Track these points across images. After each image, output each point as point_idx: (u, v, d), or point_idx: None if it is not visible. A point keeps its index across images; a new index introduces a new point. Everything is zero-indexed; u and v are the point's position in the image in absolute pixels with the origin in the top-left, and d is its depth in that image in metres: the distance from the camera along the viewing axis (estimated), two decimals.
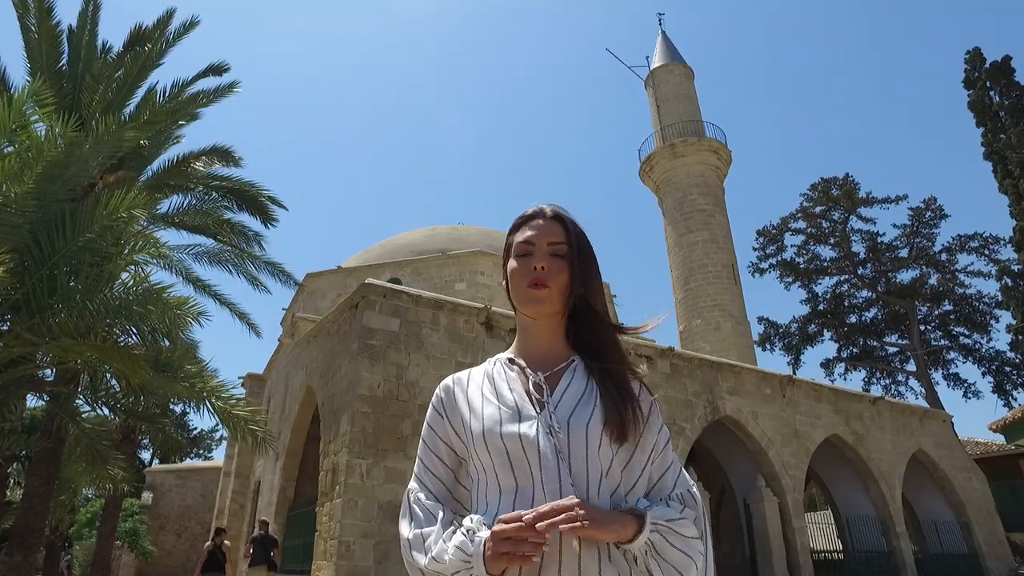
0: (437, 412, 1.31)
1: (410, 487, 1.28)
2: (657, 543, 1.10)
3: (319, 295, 20.46)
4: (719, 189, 28.01)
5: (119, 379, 6.47)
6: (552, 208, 1.35)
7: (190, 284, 8.98)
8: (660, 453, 1.23)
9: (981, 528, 17.39)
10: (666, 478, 1.23)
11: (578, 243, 1.30)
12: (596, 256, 1.34)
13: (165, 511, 25.88)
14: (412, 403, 10.25)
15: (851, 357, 33.95)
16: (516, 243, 1.32)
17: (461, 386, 1.31)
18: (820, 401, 15.85)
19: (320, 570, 9.58)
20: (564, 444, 1.14)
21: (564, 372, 1.25)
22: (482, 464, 1.19)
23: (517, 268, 1.29)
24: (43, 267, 5.45)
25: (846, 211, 33.77)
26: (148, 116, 7.03)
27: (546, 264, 1.26)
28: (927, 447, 17.65)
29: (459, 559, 1.08)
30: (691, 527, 1.14)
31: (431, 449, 1.30)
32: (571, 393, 1.21)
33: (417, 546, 1.18)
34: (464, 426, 1.24)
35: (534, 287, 1.25)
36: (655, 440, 1.23)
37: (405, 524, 1.23)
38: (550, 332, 1.30)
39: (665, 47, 32.17)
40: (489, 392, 1.25)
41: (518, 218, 1.37)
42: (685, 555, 1.12)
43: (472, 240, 22.15)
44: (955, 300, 32.50)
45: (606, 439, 1.15)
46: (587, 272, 1.28)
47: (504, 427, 1.17)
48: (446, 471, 1.28)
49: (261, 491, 15.98)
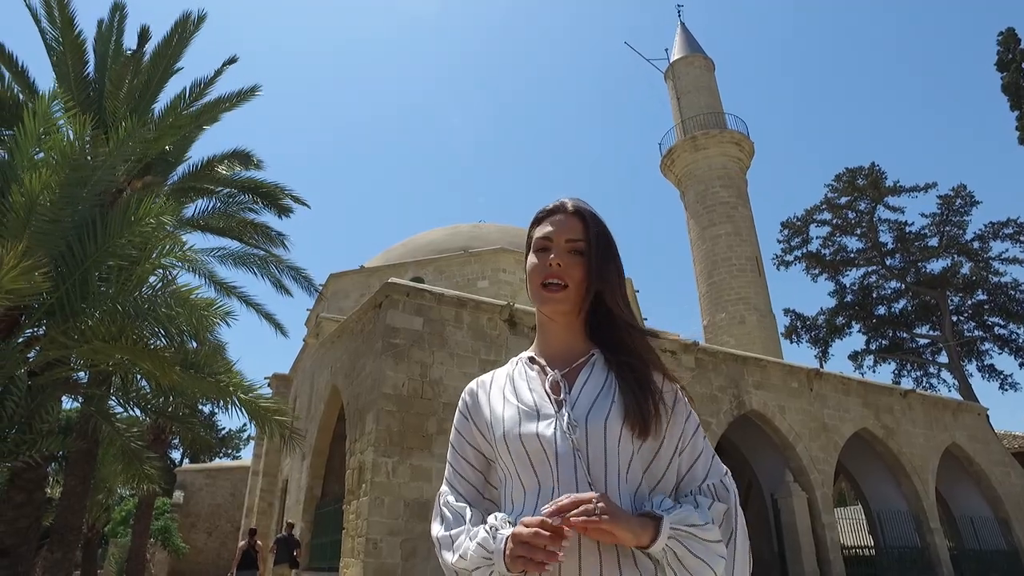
0: (463, 416, 1.32)
1: (441, 490, 1.30)
2: (677, 550, 1.07)
3: (342, 295, 20.67)
4: (742, 181, 27.65)
5: (149, 380, 6.61)
6: (573, 202, 1.33)
7: (214, 286, 9.12)
8: (689, 442, 1.21)
9: (1021, 524, 16.93)
10: (696, 468, 1.20)
11: (597, 239, 1.27)
12: (618, 252, 1.31)
13: (196, 509, 26.41)
14: (436, 401, 10.30)
15: (880, 349, 33.28)
16: (535, 238, 1.31)
17: (484, 388, 1.32)
18: (849, 394, 15.58)
19: (348, 567, 9.68)
20: (582, 442, 1.13)
21: (582, 368, 1.24)
22: (505, 465, 1.19)
23: (535, 265, 1.28)
24: (75, 272, 5.60)
25: (872, 201, 33.06)
26: (173, 121, 7.17)
27: (563, 261, 1.24)
28: (961, 441, 17.24)
29: (480, 556, 1.08)
30: (714, 531, 1.11)
31: (459, 453, 1.30)
32: (589, 389, 1.20)
33: (447, 546, 1.18)
34: (488, 428, 1.24)
35: (548, 287, 1.24)
36: (682, 429, 1.21)
37: (436, 526, 1.24)
38: (568, 329, 1.29)
39: (684, 39, 31.82)
40: (510, 393, 1.25)
41: (539, 212, 1.36)
42: (703, 562, 1.08)
43: (493, 238, 22.18)
44: (989, 289, 31.62)
45: (626, 434, 1.14)
46: (606, 269, 1.26)
47: (523, 427, 1.17)
48: (475, 473, 1.28)
49: (289, 489, 16.21)
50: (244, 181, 9.40)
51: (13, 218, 5.41)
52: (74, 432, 8.27)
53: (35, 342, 6.21)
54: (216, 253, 9.18)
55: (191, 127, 8.01)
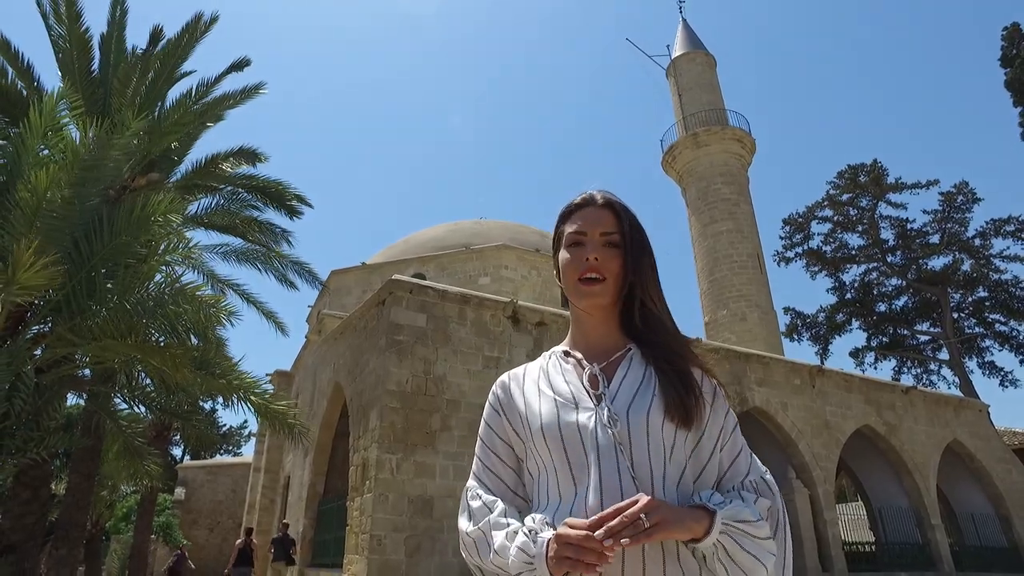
0: (494, 410, 1.30)
1: (468, 484, 1.28)
2: (728, 545, 1.06)
3: (344, 292, 20.67)
4: (743, 178, 27.62)
5: (153, 377, 6.61)
6: (603, 195, 1.32)
7: (216, 284, 9.11)
8: (729, 438, 1.20)
9: (1022, 521, 16.97)
10: (738, 464, 1.20)
11: (631, 231, 1.26)
12: (650, 243, 1.30)
13: (197, 506, 26.46)
14: (440, 398, 10.32)
15: (881, 346, 33.30)
16: (567, 233, 1.30)
17: (518, 382, 1.30)
18: (851, 391, 15.60)
19: (352, 564, 9.70)
20: (624, 436, 1.12)
21: (620, 362, 1.23)
22: (542, 459, 1.18)
23: (569, 260, 1.26)
24: (82, 269, 5.59)
25: (874, 198, 33.04)
26: (178, 118, 7.15)
27: (599, 255, 1.23)
28: (962, 437, 17.27)
29: (521, 560, 1.06)
30: (764, 527, 1.10)
31: (489, 447, 1.29)
32: (628, 383, 1.19)
33: (480, 542, 1.17)
34: (522, 422, 1.23)
35: (586, 282, 1.23)
36: (722, 425, 1.20)
37: (464, 520, 1.23)
38: (604, 323, 1.28)
39: (686, 35, 31.75)
40: (545, 386, 1.23)
41: (568, 205, 1.34)
42: (755, 558, 1.08)
43: (495, 234, 22.16)
44: (990, 286, 31.63)
45: (668, 427, 1.13)
46: (641, 261, 1.25)
47: (561, 420, 1.15)
48: (505, 468, 1.27)
49: (291, 486, 16.24)
50: (249, 179, 9.39)
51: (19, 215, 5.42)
52: (76, 428, 8.27)
53: (41, 339, 6.21)
54: (219, 250, 9.19)
55: (195, 124, 8.00)
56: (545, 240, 23.22)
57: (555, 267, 1.34)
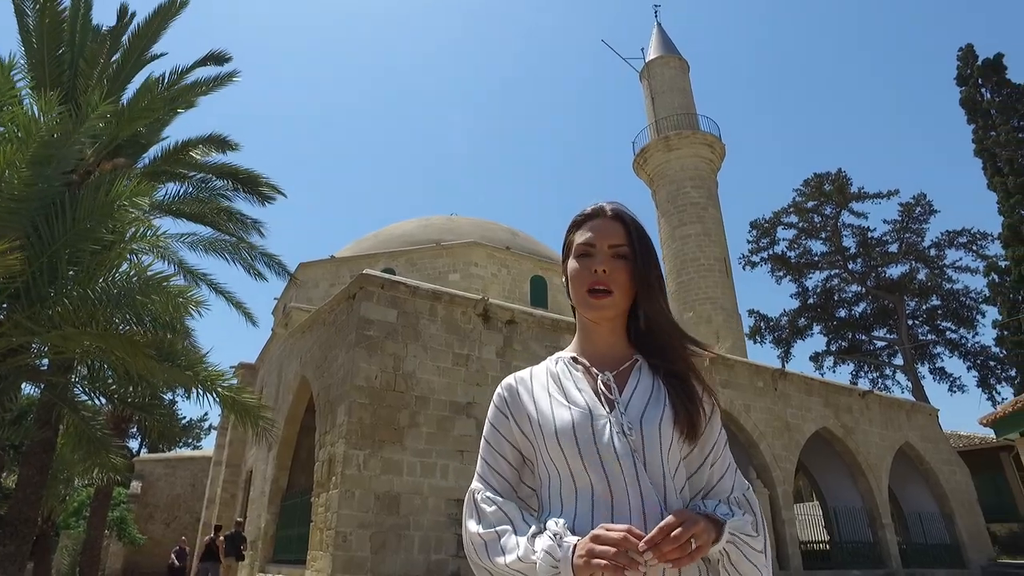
0: (501, 412, 1.30)
1: (474, 487, 1.27)
2: (732, 554, 1.12)
3: (312, 285, 20.37)
4: (712, 182, 28.08)
5: (116, 368, 6.40)
6: (612, 206, 1.34)
7: (187, 273, 8.88)
8: (721, 454, 1.24)
9: (963, 519, 17.73)
10: (725, 480, 1.23)
11: (639, 243, 1.29)
12: (657, 255, 1.33)
13: (154, 500, 25.79)
14: (409, 394, 10.26)
15: (840, 351, 34.31)
16: (576, 243, 1.31)
17: (525, 385, 1.30)
18: (811, 394, 16.03)
19: (316, 560, 9.59)
20: (638, 444, 1.14)
21: (631, 371, 1.26)
22: (555, 465, 1.19)
23: (578, 270, 1.28)
24: (42, 255, 5.38)
25: (838, 206, 34.01)
26: (147, 103, 6.92)
27: (608, 267, 1.25)
28: (914, 440, 17.92)
29: (548, 564, 1.06)
30: (760, 542, 1.16)
31: (495, 449, 1.29)
32: (640, 392, 1.21)
33: (492, 544, 1.16)
34: (531, 425, 1.24)
35: (595, 294, 1.24)
36: (715, 440, 1.24)
37: (472, 523, 1.22)
38: (612, 332, 1.30)
39: (661, 39, 32.10)
40: (556, 392, 1.25)
41: (577, 216, 1.36)
42: (755, 567, 1.14)
43: (466, 231, 22.10)
44: (943, 295, 32.89)
45: (677, 439, 1.17)
46: (648, 273, 1.27)
47: (578, 428, 1.17)
48: (511, 470, 1.28)
49: (253, 481, 15.95)
50: (221, 167, 9.15)
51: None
52: (29, 419, 7.96)
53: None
54: (187, 239, 8.94)
55: (165, 110, 7.76)
56: (516, 238, 23.23)
57: (563, 275, 1.35)
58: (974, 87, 28.28)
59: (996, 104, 27.55)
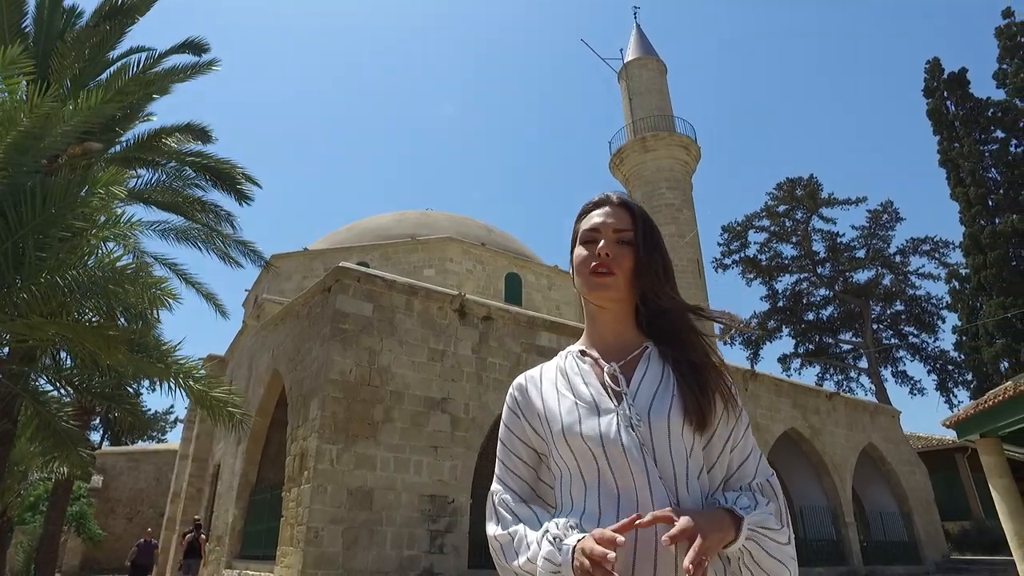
0: (513, 413, 1.30)
1: (493, 489, 1.28)
2: (754, 551, 1.09)
3: (284, 277, 20.08)
4: (687, 184, 28.39)
5: (84, 359, 6.20)
6: (618, 196, 1.35)
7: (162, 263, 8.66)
8: (740, 439, 1.21)
9: (921, 518, 18.32)
10: (747, 466, 1.21)
11: (645, 229, 1.29)
12: (664, 243, 1.32)
13: (116, 495, 25.18)
14: (384, 389, 10.18)
15: (807, 353, 35.07)
16: (582, 230, 1.32)
17: (534, 383, 1.30)
18: (780, 396, 16.34)
19: (286, 556, 9.46)
20: (647, 436, 1.13)
21: (639, 360, 1.24)
22: (564, 462, 1.18)
23: (583, 255, 1.28)
24: (8, 240, 5.17)
25: (809, 211, 34.74)
26: (120, 87, 6.71)
27: (611, 250, 1.25)
28: (877, 441, 18.43)
29: (548, 570, 1.08)
30: (785, 534, 1.13)
31: (510, 450, 1.29)
32: (648, 382, 1.19)
33: (507, 547, 1.18)
34: (542, 423, 1.23)
35: (598, 273, 1.24)
36: (734, 425, 1.21)
37: (491, 526, 1.24)
38: (619, 320, 1.29)
39: (639, 41, 32.32)
40: (564, 387, 1.24)
41: (585, 205, 1.37)
42: (780, 563, 1.11)
43: (441, 226, 22.00)
44: (906, 301, 33.85)
45: (688, 429, 1.14)
46: (653, 258, 1.26)
47: (583, 423, 1.16)
48: (528, 470, 1.28)
49: (221, 475, 15.67)
50: (197, 156, 8.92)
51: None
52: None
53: None
54: (158, 227, 8.71)
55: (139, 95, 7.53)
56: (491, 234, 23.20)
57: (571, 264, 1.35)
58: (940, 99, 29.07)
59: (960, 117, 28.38)
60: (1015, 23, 28.28)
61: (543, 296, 21.02)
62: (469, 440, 10.67)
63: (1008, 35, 28.26)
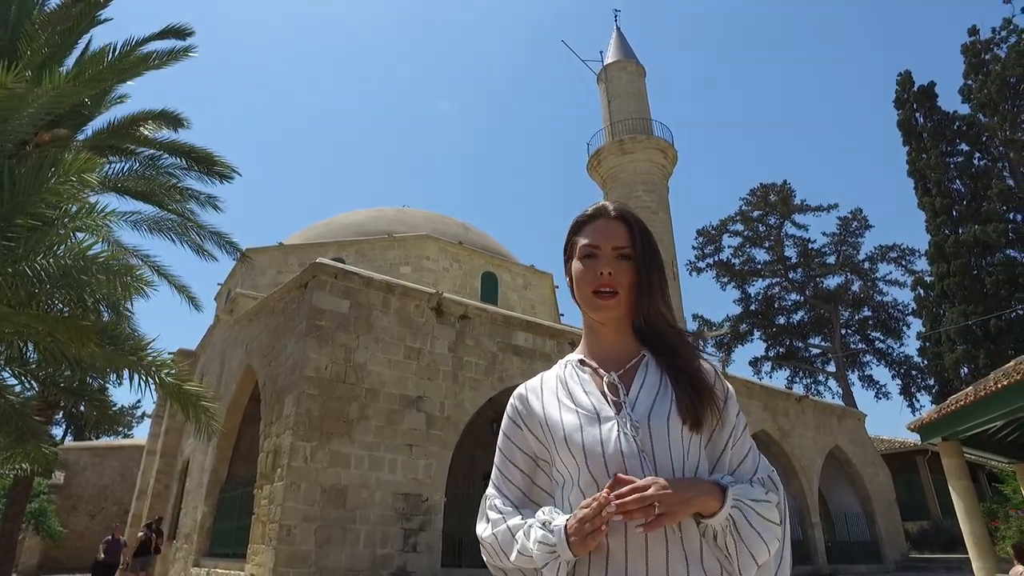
0: (514, 422, 1.32)
1: (488, 493, 1.31)
2: (736, 518, 1.11)
3: (258, 271, 19.79)
4: (664, 187, 28.69)
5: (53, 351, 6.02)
6: (615, 206, 1.35)
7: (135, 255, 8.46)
8: (739, 439, 1.24)
9: (883, 518, 18.83)
10: (746, 463, 1.24)
11: (643, 243, 1.30)
12: (660, 254, 1.35)
13: (78, 491, 24.51)
14: (359, 386, 10.10)
15: (777, 356, 35.72)
16: (580, 244, 1.33)
17: (535, 392, 1.32)
18: (752, 398, 16.62)
19: (257, 554, 9.34)
20: (646, 443, 1.15)
21: (637, 369, 1.27)
22: (567, 469, 1.20)
23: (583, 272, 1.30)
24: None
25: (781, 216, 35.38)
26: (92, 72, 6.53)
27: (612, 269, 1.27)
28: (843, 443, 18.87)
29: (544, 552, 1.11)
30: (774, 511, 1.16)
31: (508, 458, 1.31)
32: (647, 390, 1.22)
33: (497, 545, 1.21)
34: (543, 431, 1.25)
35: (600, 295, 1.26)
36: (733, 425, 1.24)
37: (481, 526, 1.27)
38: (618, 331, 1.31)
39: (619, 43, 32.56)
40: (564, 396, 1.26)
41: (580, 216, 1.38)
42: (759, 536, 1.12)
43: (418, 223, 21.90)
44: (874, 307, 34.69)
45: (687, 433, 1.17)
46: (652, 273, 1.29)
47: (584, 432, 1.18)
48: (523, 478, 1.30)
49: (190, 471, 15.39)
50: (173, 144, 8.72)
51: None
52: None
53: None
54: (131, 217, 8.51)
55: (112, 81, 7.34)
56: (468, 233, 23.15)
57: (567, 275, 1.37)
58: (910, 111, 29.85)
59: (928, 129, 29.18)
60: (980, 41, 29.18)
61: (519, 295, 21.05)
62: (444, 439, 10.64)
63: (973, 52, 29.15)
